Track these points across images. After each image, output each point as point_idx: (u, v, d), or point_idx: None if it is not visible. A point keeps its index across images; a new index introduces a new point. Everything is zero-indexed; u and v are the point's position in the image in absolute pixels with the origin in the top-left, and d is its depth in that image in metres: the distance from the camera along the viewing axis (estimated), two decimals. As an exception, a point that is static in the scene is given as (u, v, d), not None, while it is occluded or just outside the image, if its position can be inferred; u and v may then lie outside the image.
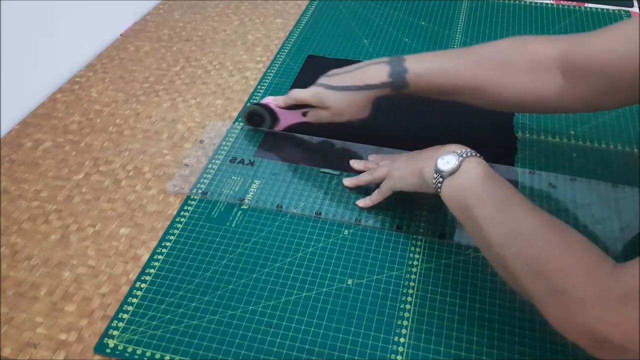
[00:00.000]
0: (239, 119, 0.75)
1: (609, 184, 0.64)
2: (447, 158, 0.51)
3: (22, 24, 0.78)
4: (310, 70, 0.85)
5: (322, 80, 0.66)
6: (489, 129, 0.73)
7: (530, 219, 0.45)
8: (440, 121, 0.74)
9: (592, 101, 0.55)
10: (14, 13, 0.76)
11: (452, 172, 0.50)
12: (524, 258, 0.43)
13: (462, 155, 0.50)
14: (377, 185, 0.62)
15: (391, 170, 0.59)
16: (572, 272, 0.40)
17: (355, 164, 0.67)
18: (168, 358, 0.49)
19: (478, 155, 0.51)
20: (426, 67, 0.61)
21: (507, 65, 0.58)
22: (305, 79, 0.83)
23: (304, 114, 0.69)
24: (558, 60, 0.56)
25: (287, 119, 0.71)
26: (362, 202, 0.62)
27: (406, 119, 0.75)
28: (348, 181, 0.65)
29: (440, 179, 0.51)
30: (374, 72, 0.62)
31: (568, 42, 0.56)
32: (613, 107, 0.65)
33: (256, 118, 0.72)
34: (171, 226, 0.61)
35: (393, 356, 0.49)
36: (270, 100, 0.71)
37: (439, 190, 0.52)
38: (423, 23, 0.96)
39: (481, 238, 0.47)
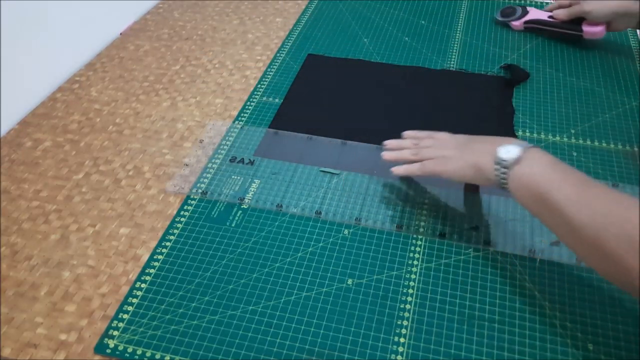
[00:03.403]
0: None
1: (609, 184, 0.64)
2: (508, 148, 0.51)
3: (21, 23, 0.78)
4: (311, 69, 0.85)
5: None
6: (490, 128, 0.73)
7: (615, 196, 0.45)
8: (441, 120, 0.74)
9: None
10: (13, 12, 0.76)
11: (517, 162, 0.50)
12: (624, 234, 0.42)
13: (523, 146, 0.51)
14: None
15: (442, 160, 0.57)
16: None
17: (388, 155, 0.62)
18: (168, 358, 0.49)
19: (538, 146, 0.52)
20: None
21: None
22: (305, 78, 0.83)
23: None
24: None
25: (536, 14, 0.90)
26: (397, 169, 0.60)
27: (407, 118, 0.75)
28: (396, 169, 0.60)
29: (504, 170, 0.51)
30: None
31: None
32: None
33: (509, 10, 0.93)
34: (171, 226, 0.61)
35: (393, 356, 0.49)
36: None
37: (503, 181, 0.51)
38: (423, 22, 0.96)
39: (564, 224, 0.46)
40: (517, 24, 0.91)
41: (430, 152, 0.59)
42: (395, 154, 0.61)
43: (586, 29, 0.84)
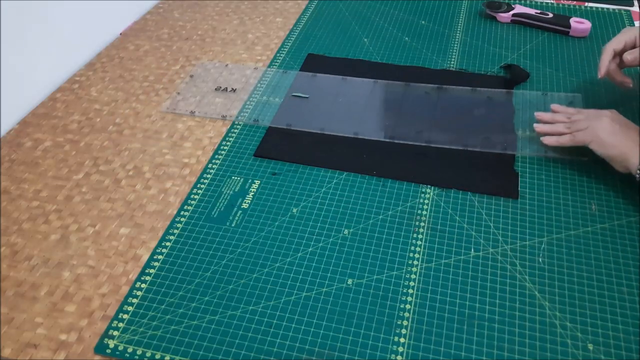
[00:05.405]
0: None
1: None
2: None
3: (21, 23, 0.78)
4: (310, 69, 0.85)
5: None
6: (490, 128, 0.72)
7: None
8: (445, 116, 0.74)
9: None
10: (13, 12, 0.76)
11: None
12: None
13: None
14: None
15: (595, 130, 0.61)
16: None
17: (541, 128, 0.67)
18: (168, 358, 0.49)
19: None
20: None
21: None
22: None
23: None
24: None
25: (524, 8, 0.94)
26: (548, 140, 0.65)
27: (406, 117, 0.75)
28: (547, 140, 0.66)
29: None
30: None
31: None
32: None
33: (495, 4, 0.95)
34: (171, 226, 0.61)
35: (393, 356, 0.49)
36: None
37: None
38: (423, 22, 0.96)
39: None
40: (505, 16, 0.94)
41: (582, 124, 0.63)
42: (549, 127, 0.66)
43: (574, 25, 0.89)
